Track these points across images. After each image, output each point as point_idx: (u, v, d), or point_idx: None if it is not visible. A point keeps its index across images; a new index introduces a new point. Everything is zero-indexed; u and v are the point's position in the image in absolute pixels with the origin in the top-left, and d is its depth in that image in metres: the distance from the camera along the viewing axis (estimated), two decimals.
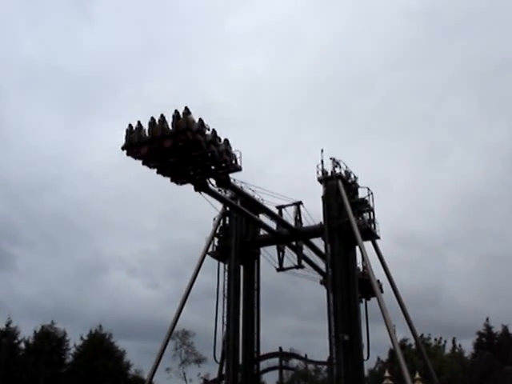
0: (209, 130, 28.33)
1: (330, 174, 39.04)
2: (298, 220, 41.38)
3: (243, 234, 41.99)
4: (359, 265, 40.42)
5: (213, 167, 30.12)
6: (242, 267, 41.78)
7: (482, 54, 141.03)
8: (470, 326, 75.67)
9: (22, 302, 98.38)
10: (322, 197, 38.87)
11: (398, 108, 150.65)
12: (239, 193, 35.26)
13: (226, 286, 40.05)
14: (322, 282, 44.53)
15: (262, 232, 42.74)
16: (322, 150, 39.15)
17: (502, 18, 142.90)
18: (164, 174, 30.40)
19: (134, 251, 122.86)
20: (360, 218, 38.84)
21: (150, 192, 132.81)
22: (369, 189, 39.98)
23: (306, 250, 43.42)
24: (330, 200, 38.36)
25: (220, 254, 41.25)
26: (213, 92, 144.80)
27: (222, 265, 41.14)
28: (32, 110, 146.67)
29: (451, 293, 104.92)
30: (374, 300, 36.28)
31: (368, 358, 41.03)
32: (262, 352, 41.83)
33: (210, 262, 41.41)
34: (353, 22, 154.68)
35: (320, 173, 39.17)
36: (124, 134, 28.73)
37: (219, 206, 38.78)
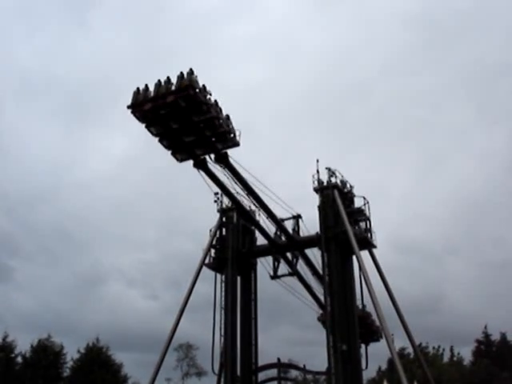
0: (211, 95, 28.86)
1: (325, 183, 39.17)
2: (296, 231, 41.32)
3: (240, 244, 42.01)
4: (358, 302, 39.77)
5: (213, 139, 30.22)
6: (239, 278, 41.76)
7: (480, 59, 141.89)
8: (469, 334, 75.58)
9: (20, 315, 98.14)
10: (318, 206, 38.96)
11: (395, 115, 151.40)
12: (236, 175, 33.89)
13: (223, 297, 40.03)
14: (319, 319, 44.15)
15: (259, 242, 42.80)
16: (317, 160, 39.44)
17: (500, 23, 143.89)
18: (165, 145, 30.60)
19: (132, 262, 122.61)
20: (356, 227, 38.90)
21: (149, 202, 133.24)
22: (365, 198, 40.10)
23: (302, 271, 43.03)
24: (326, 209, 38.45)
25: (217, 265, 41.23)
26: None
27: (219, 276, 41.18)
28: (28, 121, 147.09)
29: (451, 300, 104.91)
30: (371, 308, 36.22)
31: (367, 367, 40.96)
32: (261, 363, 41.59)
33: (211, 272, 41.55)
34: (350, 29, 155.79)
35: (316, 183, 39.33)
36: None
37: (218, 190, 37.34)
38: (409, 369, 57.53)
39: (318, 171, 39.37)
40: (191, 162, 31.39)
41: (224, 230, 42.47)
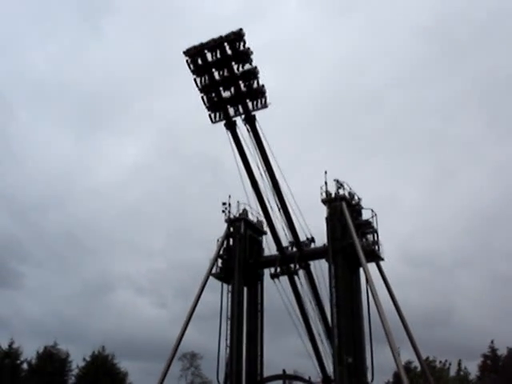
0: (252, 53, 32.30)
1: (333, 195, 39.20)
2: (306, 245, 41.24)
3: (247, 255, 42.06)
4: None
5: (247, 98, 33.62)
6: (245, 288, 41.81)
7: (492, 71, 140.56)
8: (477, 348, 74.81)
9: (28, 321, 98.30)
10: (326, 218, 38.99)
11: (407, 126, 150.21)
12: (259, 144, 35.35)
13: (229, 308, 40.07)
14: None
15: (266, 253, 42.87)
16: (325, 172, 39.48)
17: None
18: (205, 102, 34.20)
19: (141, 270, 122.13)
20: (364, 240, 38.86)
21: (158, 210, 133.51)
22: (372, 210, 40.03)
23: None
24: (334, 222, 38.46)
25: (224, 276, 41.31)
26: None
27: (225, 286, 41.23)
28: (40, 127, 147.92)
29: (461, 313, 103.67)
30: (377, 321, 36.06)
31: (372, 380, 40.65)
32: (267, 374, 41.54)
33: (219, 282, 41.64)
34: (363, 39, 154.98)
35: (324, 194, 39.39)
36: None
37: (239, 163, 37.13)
38: (415, 383, 57.09)
39: (326, 183, 39.50)
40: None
41: (231, 240, 42.57)
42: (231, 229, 42.60)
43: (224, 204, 42.89)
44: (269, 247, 42.84)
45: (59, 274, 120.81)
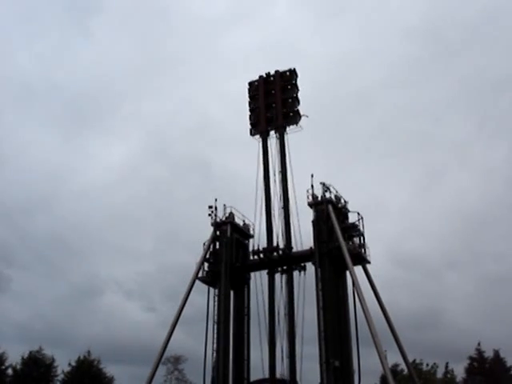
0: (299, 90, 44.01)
1: (320, 198, 39.24)
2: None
3: (233, 258, 41.95)
4: None
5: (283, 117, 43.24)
6: (232, 292, 41.67)
7: (482, 72, 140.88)
8: (464, 350, 74.94)
9: (15, 325, 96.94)
10: (313, 221, 39.04)
11: (396, 128, 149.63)
12: (282, 147, 42.90)
13: (216, 311, 39.92)
14: None
15: (252, 257, 42.80)
16: (312, 175, 39.59)
17: (503, 37, 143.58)
18: (251, 119, 44.51)
19: (129, 273, 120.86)
20: (350, 243, 38.89)
21: (146, 212, 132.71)
22: (359, 213, 40.10)
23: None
24: (320, 225, 38.50)
25: (210, 279, 41.17)
26: (211, 110, 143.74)
27: (212, 289, 41.08)
28: (27, 128, 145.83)
29: (449, 315, 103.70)
30: (364, 323, 36.06)
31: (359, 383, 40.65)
32: (253, 378, 41.37)
33: (205, 285, 41.45)
34: (352, 41, 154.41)
35: (310, 197, 39.44)
36: None
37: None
38: None
39: (312, 186, 39.60)
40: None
41: (218, 243, 42.42)
42: (217, 232, 42.47)
43: (210, 207, 42.79)
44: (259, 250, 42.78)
45: (46, 278, 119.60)
